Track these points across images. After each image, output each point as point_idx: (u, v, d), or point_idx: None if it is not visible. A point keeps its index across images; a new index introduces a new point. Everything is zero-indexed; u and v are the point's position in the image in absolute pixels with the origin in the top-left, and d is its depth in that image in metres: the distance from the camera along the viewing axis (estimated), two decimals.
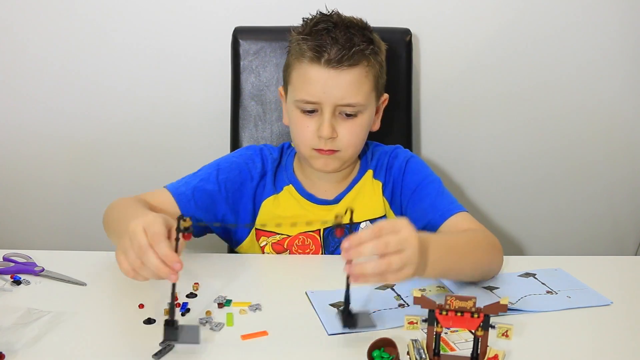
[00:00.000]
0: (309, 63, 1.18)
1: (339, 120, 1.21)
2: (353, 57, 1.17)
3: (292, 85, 1.23)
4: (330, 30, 1.19)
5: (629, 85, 1.76)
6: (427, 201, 1.25)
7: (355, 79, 1.18)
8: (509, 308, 1.00)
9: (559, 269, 1.16)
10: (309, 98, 1.19)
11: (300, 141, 1.24)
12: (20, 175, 1.81)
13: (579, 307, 1.03)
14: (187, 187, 1.23)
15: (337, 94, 1.18)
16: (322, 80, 1.17)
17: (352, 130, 1.22)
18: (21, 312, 0.97)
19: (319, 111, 1.20)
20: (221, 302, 1.02)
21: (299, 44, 1.20)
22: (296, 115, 1.23)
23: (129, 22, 1.66)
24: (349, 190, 1.31)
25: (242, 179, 1.28)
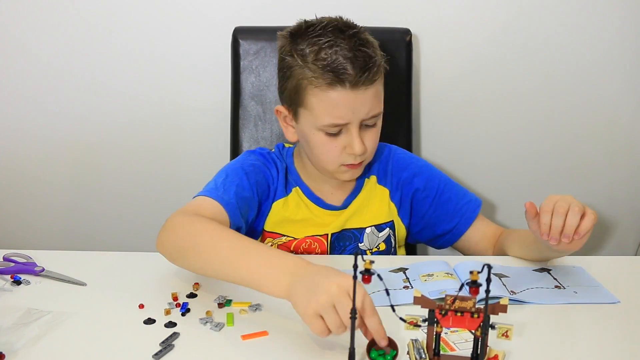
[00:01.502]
0: (329, 87, 1.13)
1: (362, 131, 1.19)
2: (374, 73, 1.15)
3: (309, 110, 1.17)
4: (337, 46, 1.14)
5: (629, 85, 1.76)
6: (451, 205, 1.31)
7: (376, 91, 1.18)
8: (512, 299, 1.01)
9: (577, 266, 1.17)
10: (339, 121, 1.16)
11: (329, 161, 1.21)
12: (20, 175, 1.81)
13: (581, 303, 1.03)
14: (230, 195, 1.17)
15: (364, 110, 1.16)
16: (349, 101, 1.14)
17: (374, 137, 1.22)
18: (21, 312, 0.97)
19: (343, 129, 1.18)
20: (221, 302, 1.02)
21: (310, 69, 1.14)
22: (320, 139, 1.19)
23: (129, 22, 1.66)
24: (355, 196, 1.31)
25: (267, 181, 1.27)
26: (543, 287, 1.08)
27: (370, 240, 1.31)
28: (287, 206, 1.28)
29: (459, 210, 1.31)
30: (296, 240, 1.28)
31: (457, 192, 1.33)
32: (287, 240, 1.28)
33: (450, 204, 1.31)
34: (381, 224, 1.31)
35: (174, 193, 1.81)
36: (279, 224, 1.28)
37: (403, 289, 1.06)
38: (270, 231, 1.28)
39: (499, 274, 1.11)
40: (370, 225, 1.30)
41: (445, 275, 1.09)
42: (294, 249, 1.28)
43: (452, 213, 1.31)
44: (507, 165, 1.83)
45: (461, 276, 1.09)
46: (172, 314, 0.99)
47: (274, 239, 1.29)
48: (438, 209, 1.31)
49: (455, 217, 1.30)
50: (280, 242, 1.28)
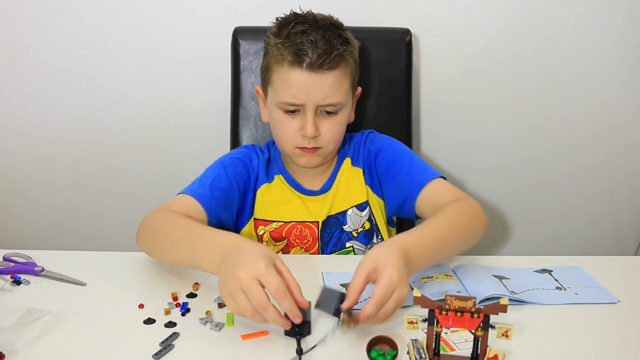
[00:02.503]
0: (290, 67, 1.22)
1: (321, 118, 1.26)
2: (333, 60, 1.21)
3: (273, 87, 1.27)
4: (307, 33, 1.22)
5: (629, 87, 1.76)
6: (402, 174, 1.30)
7: (335, 80, 1.23)
8: (512, 298, 1.01)
9: (578, 267, 1.17)
10: (293, 100, 1.23)
11: (284, 140, 1.29)
12: (20, 175, 1.81)
13: (583, 303, 1.03)
14: (204, 189, 1.24)
15: (319, 95, 1.23)
16: (304, 83, 1.22)
17: (333, 127, 1.27)
18: (21, 312, 0.97)
19: (301, 111, 1.25)
20: (221, 302, 1.02)
21: (278, 48, 1.23)
22: (278, 116, 1.27)
23: (129, 22, 1.66)
24: (333, 181, 1.36)
25: (247, 171, 1.34)
26: (544, 288, 1.08)
27: (354, 221, 1.34)
28: (270, 191, 1.34)
29: (411, 177, 1.27)
30: (287, 225, 1.32)
31: (412, 162, 1.30)
32: (278, 225, 1.32)
33: (401, 172, 1.30)
34: (361, 204, 1.35)
35: (174, 193, 1.79)
36: (267, 210, 1.33)
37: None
38: (261, 219, 1.34)
39: (499, 276, 1.11)
40: (351, 207, 1.34)
41: (445, 277, 1.09)
42: (286, 235, 1.32)
43: (403, 181, 1.28)
44: (507, 165, 1.83)
45: (461, 277, 1.09)
46: (172, 314, 0.99)
47: (265, 226, 1.33)
48: (393, 178, 1.31)
49: (406, 185, 1.27)
50: (271, 229, 1.32)
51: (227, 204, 1.27)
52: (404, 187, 1.28)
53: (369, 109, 1.55)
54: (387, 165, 1.33)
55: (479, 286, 1.05)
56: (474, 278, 1.09)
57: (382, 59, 1.54)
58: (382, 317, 0.90)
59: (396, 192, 1.31)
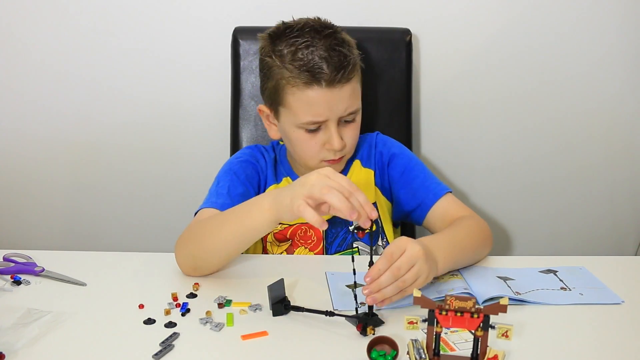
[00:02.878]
0: (306, 87, 1.19)
1: (341, 127, 1.25)
2: (349, 71, 1.21)
3: (288, 108, 1.24)
4: (313, 46, 1.20)
5: (629, 87, 1.76)
6: (417, 182, 1.32)
7: (352, 89, 1.24)
8: (516, 299, 1.01)
9: (583, 267, 1.17)
10: (316, 119, 1.22)
11: (309, 157, 1.27)
12: (20, 175, 1.81)
13: (587, 304, 1.02)
14: (224, 198, 1.23)
15: (341, 107, 1.22)
16: (326, 100, 1.20)
17: (353, 133, 1.28)
18: (21, 312, 0.97)
19: (322, 126, 1.24)
20: (221, 302, 1.02)
21: (288, 69, 1.20)
22: (300, 135, 1.25)
23: (129, 22, 1.66)
24: None
25: (257, 172, 1.34)
26: (549, 288, 1.08)
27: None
28: None
29: (427, 188, 1.31)
30: (292, 227, 1.31)
31: (426, 173, 1.35)
32: (282, 227, 1.32)
33: (417, 180, 1.33)
34: None
35: (174, 193, 1.81)
36: None
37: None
38: None
39: (504, 277, 1.11)
40: None
41: (450, 276, 1.09)
42: (290, 236, 1.31)
43: (418, 189, 1.32)
44: (507, 166, 1.83)
45: (466, 277, 1.09)
46: (172, 314, 0.99)
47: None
48: (406, 185, 1.34)
49: (421, 193, 1.31)
50: (276, 231, 1.32)
51: None
52: (418, 195, 1.31)
53: (369, 109, 1.55)
54: (402, 171, 1.34)
55: (483, 286, 1.05)
56: (478, 278, 1.09)
57: (382, 59, 1.54)
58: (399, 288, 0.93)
59: (409, 199, 1.32)
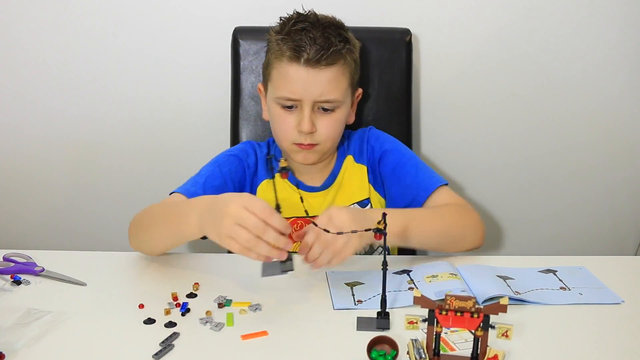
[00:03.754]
0: (288, 62, 1.24)
1: (318, 115, 1.28)
2: (331, 56, 1.24)
3: (272, 82, 1.29)
4: (307, 30, 1.24)
5: (629, 87, 1.76)
6: (409, 178, 1.32)
7: (333, 76, 1.25)
8: (516, 298, 1.01)
9: (583, 267, 1.17)
10: (290, 95, 1.25)
11: (282, 136, 1.31)
12: (20, 175, 1.81)
13: (587, 303, 1.03)
14: (197, 187, 1.26)
15: (316, 91, 1.24)
16: (302, 78, 1.24)
17: (330, 124, 1.29)
18: (21, 312, 0.97)
19: (298, 107, 1.27)
20: (221, 302, 1.02)
21: (278, 44, 1.26)
22: (276, 111, 1.29)
23: (129, 22, 1.66)
24: (334, 178, 1.38)
25: (242, 168, 1.35)
26: (548, 288, 1.08)
27: None
28: (271, 187, 1.34)
29: (418, 183, 1.30)
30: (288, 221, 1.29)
31: (418, 168, 1.33)
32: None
33: (408, 176, 1.32)
34: (363, 200, 1.37)
35: None
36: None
37: (408, 290, 1.06)
38: None
39: (503, 276, 1.11)
40: (353, 203, 1.36)
41: (449, 276, 1.09)
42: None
43: (410, 185, 1.31)
44: (507, 165, 1.83)
45: (465, 277, 1.09)
46: (172, 314, 0.99)
47: None
48: (398, 181, 1.34)
49: (413, 189, 1.30)
50: None
51: None
52: (410, 190, 1.30)
53: (369, 109, 1.56)
54: (393, 167, 1.35)
55: (482, 286, 1.05)
56: (478, 278, 1.09)
57: (382, 59, 1.54)
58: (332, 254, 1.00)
59: (401, 195, 1.32)
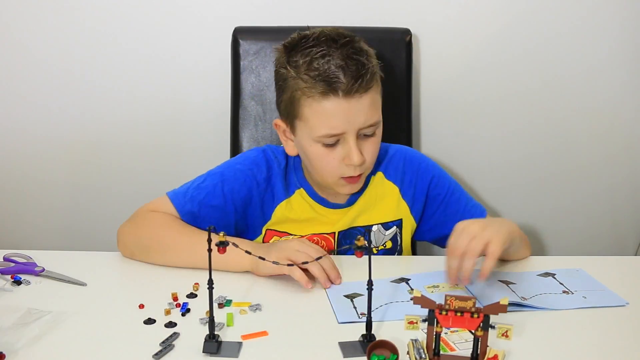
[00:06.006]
0: (323, 97, 1.12)
1: (360, 142, 1.17)
2: (368, 80, 1.14)
3: (305, 121, 1.16)
4: (329, 56, 1.13)
5: (629, 86, 1.76)
6: (461, 205, 1.31)
7: (372, 99, 1.16)
8: (523, 304, 1.01)
9: (580, 269, 1.16)
10: (333, 131, 1.14)
11: (327, 174, 1.20)
12: (20, 175, 1.81)
13: (593, 307, 1.02)
14: (193, 204, 1.21)
15: (360, 119, 1.14)
16: (343, 111, 1.13)
17: (373, 148, 1.20)
18: (21, 312, 0.97)
19: (340, 140, 1.16)
20: (221, 302, 1.02)
21: (304, 79, 1.14)
22: (318, 150, 1.17)
23: (129, 22, 1.66)
24: (361, 194, 1.29)
25: (247, 187, 1.25)
26: (551, 292, 1.07)
27: (377, 238, 1.30)
28: (290, 207, 1.27)
29: (469, 211, 1.30)
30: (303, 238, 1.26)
31: (466, 195, 1.35)
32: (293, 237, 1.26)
33: (460, 204, 1.31)
34: (388, 222, 1.30)
35: None
36: (284, 224, 1.27)
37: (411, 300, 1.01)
38: (276, 230, 1.28)
39: (505, 281, 1.10)
40: (377, 223, 1.29)
41: (451, 286, 1.08)
42: None
43: (462, 213, 1.29)
44: (507, 166, 1.83)
45: (467, 285, 1.08)
46: (172, 314, 0.99)
47: (280, 237, 1.27)
48: (448, 207, 1.31)
49: (465, 217, 1.24)
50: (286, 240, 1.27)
51: (220, 219, 1.22)
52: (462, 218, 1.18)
53: None
54: (444, 194, 1.31)
55: (487, 292, 1.04)
56: (481, 284, 1.08)
57: (382, 59, 1.54)
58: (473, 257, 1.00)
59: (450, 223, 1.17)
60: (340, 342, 0.91)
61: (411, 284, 1.10)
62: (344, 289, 1.08)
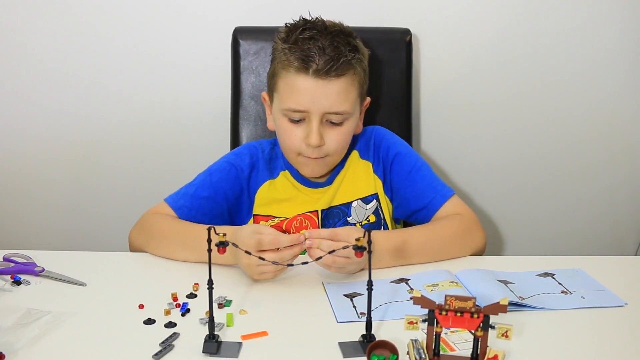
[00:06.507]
0: (296, 73, 1.21)
1: (326, 127, 1.25)
2: (340, 67, 1.20)
3: (278, 93, 1.26)
4: (315, 39, 1.21)
5: (629, 87, 1.76)
6: (424, 183, 1.32)
7: (342, 88, 1.22)
8: (520, 303, 1.01)
9: (579, 269, 1.16)
10: (297, 107, 1.22)
11: (288, 148, 1.28)
12: (20, 175, 1.81)
13: (591, 307, 1.02)
14: (186, 199, 1.28)
15: (325, 103, 1.21)
16: (310, 89, 1.20)
17: (338, 137, 1.26)
18: (21, 312, 0.97)
19: (306, 119, 1.24)
20: (221, 302, 1.02)
21: (285, 53, 1.22)
22: (283, 123, 1.26)
23: (129, 22, 1.67)
24: (338, 172, 1.35)
25: (233, 175, 1.32)
26: (550, 292, 1.07)
27: (358, 213, 1.34)
28: (274, 187, 1.34)
29: (434, 188, 1.31)
30: (286, 220, 1.32)
31: (432, 174, 1.35)
32: (279, 220, 1.32)
33: (425, 180, 1.32)
34: (367, 197, 1.35)
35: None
36: (269, 206, 1.33)
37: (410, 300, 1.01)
38: (261, 214, 1.33)
39: (504, 281, 1.10)
40: (357, 199, 1.34)
41: (450, 284, 1.08)
42: (286, 229, 1.32)
43: (427, 189, 1.31)
44: (507, 166, 1.83)
45: (465, 284, 1.09)
46: (172, 314, 0.99)
47: (266, 221, 1.33)
48: (413, 183, 1.33)
49: (429, 194, 1.30)
50: (272, 224, 1.32)
51: (212, 209, 1.29)
52: (425, 195, 1.30)
53: (369, 109, 1.55)
54: (409, 170, 1.33)
55: (486, 292, 1.04)
56: (479, 284, 1.08)
57: (382, 59, 1.55)
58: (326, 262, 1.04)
59: (415, 198, 1.31)
60: (340, 342, 0.91)
61: (411, 284, 1.10)
62: (344, 288, 1.08)
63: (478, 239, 1.25)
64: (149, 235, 1.23)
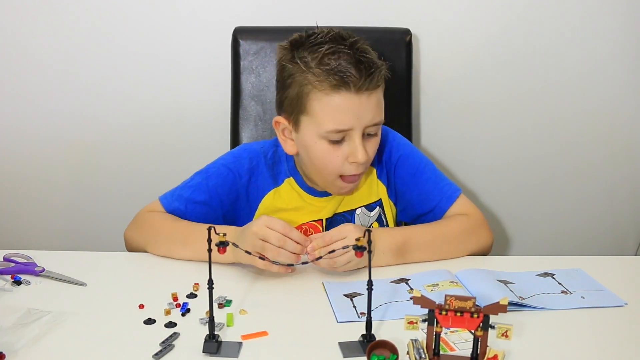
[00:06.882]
0: (334, 91, 1.13)
1: (364, 140, 1.18)
2: (376, 77, 1.15)
3: (312, 116, 1.17)
4: (340, 52, 1.14)
5: (629, 87, 1.76)
6: (429, 186, 1.30)
7: (379, 97, 1.18)
8: (520, 303, 1.01)
9: (579, 269, 1.16)
10: (342, 127, 1.15)
11: (328, 172, 1.21)
12: (20, 175, 1.81)
13: (591, 307, 1.02)
14: (180, 202, 1.26)
15: (368, 116, 1.16)
16: (354, 106, 1.14)
17: (375, 147, 1.22)
18: (21, 312, 0.97)
19: (345, 137, 1.17)
20: (221, 302, 1.02)
21: (313, 73, 1.14)
22: (323, 147, 1.18)
23: (130, 22, 1.67)
24: None
25: (231, 180, 1.27)
26: (550, 292, 1.07)
27: (362, 221, 1.33)
28: (279, 196, 1.30)
29: (440, 190, 1.29)
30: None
31: (437, 174, 1.33)
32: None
33: (429, 183, 1.30)
34: (371, 204, 1.33)
35: None
36: (273, 214, 1.27)
37: (410, 300, 1.01)
38: None
39: (504, 281, 1.10)
40: (360, 206, 1.32)
41: (450, 284, 1.08)
42: None
43: (432, 192, 1.29)
44: (507, 165, 1.83)
45: (465, 284, 1.09)
46: (172, 314, 0.99)
47: None
48: (418, 187, 1.31)
49: (435, 197, 1.29)
50: None
51: (207, 213, 1.25)
52: (432, 198, 1.28)
53: None
54: (413, 173, 1.31)
55: (486, 292, 1.04)
56: (479, 284, 1.08)
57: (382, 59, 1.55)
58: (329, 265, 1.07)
59: (421, 201, 1.29)
60: (340, 342, 0.91)
61: (411, 284, 1.10)
62: (344, 288, 1.08)
63: (483, 239, 1.24)
64: (148, 233, 1.22)
